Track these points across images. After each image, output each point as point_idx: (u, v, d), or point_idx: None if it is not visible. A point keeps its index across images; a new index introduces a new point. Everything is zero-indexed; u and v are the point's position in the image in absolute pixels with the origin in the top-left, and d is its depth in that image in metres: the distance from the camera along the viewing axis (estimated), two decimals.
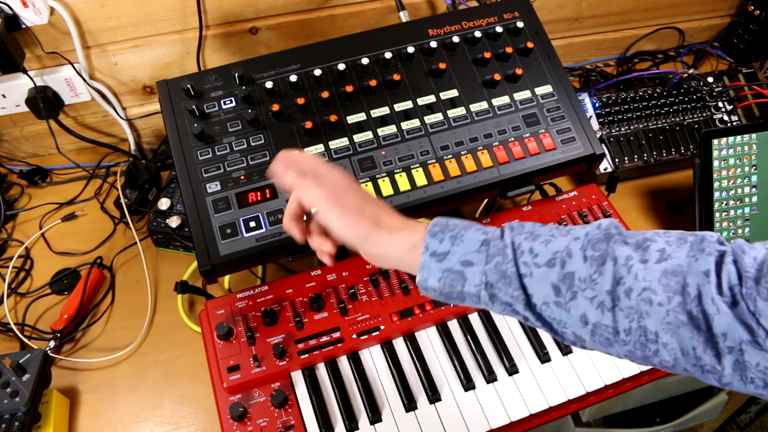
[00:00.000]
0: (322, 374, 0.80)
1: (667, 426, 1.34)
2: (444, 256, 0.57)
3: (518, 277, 0.55)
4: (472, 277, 0.56)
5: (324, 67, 0.87)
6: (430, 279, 0.57)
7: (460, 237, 0.57)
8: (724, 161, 0.98)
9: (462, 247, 0.57)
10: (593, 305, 0.52)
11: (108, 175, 1.12)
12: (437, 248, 0.57)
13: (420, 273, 0.58)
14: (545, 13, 1.18)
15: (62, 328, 0.91)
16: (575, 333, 0.55)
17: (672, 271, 0.50)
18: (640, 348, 0.52)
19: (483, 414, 0.77)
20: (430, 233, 0.58)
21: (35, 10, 0.91)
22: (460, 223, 0.59)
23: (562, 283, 0.53)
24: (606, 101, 1.13)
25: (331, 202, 0.60)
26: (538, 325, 0.57)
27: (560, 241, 0.55)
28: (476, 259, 0.56)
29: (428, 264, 0.57)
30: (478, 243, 0.57)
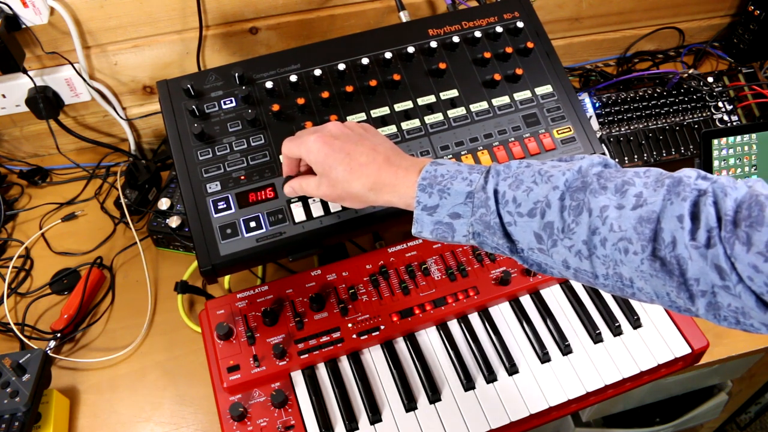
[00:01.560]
0: (322, 374, 0.80)
1: (667, 426, 1.35)
2: (434, 209, 0.60)
3: (502, 227, 0.58)
4: (459, 228, 0.60)
5: (324, 67, 0.87)
6: (424, 231, 0.62)
7: (447, 190, 0.60)
8: (724, 161, 0.98)
9: (449, 200, 0.60)
10: (571, 253, 0.55)
11: (108, 175, 1.12)
12: (427, 202, 0.61)
13: (414, 226, 0.62)
14: (545, 13, 1.18)
15: (62, 328, 0.91)
16: (561, 273, 0.58)
17: (647, 218, 0.51)
18: (619, 290, 0.55)
19: (483, 414, 0.77)
20: (420, 187, 0.61)
21: (35, 10, 0.91)
22: (447, 172, 0.61)
23: (543, 232, 0.56)
24: (606, 101, 1.13)
25: (330, 192, 0.68)
26: (528, 267, 0.60)
27: (541, 189, 0.57)
28: (463, 211, 0.59)
29: (420, 217, 0.61)
30: (464, 195, 0.59)
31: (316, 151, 0.66)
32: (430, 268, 0.86)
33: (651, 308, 0.86)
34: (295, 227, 0.79)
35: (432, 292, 0.84)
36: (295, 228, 0.79)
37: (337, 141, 0.66)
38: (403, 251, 0.87)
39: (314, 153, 0.67)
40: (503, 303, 0.86)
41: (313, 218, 0.79)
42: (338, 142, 0.66)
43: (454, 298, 0.83)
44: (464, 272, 0.85)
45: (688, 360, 0.84)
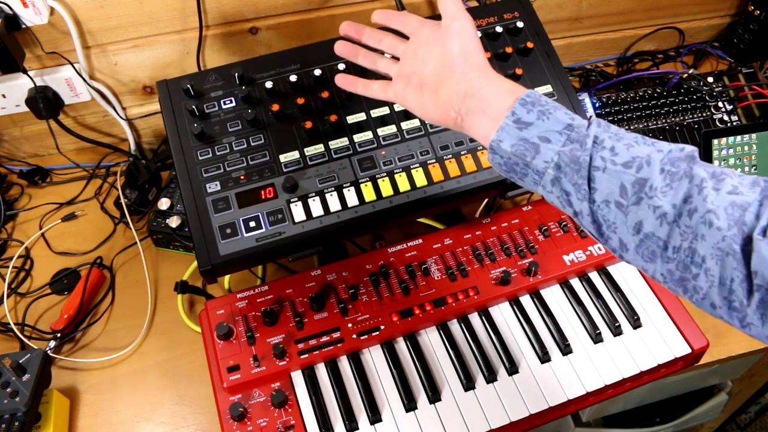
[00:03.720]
0: (322, 374, 0.80)
1: (667, 426, 1.35)
2: (526, 126, 0.58)
3: (589, 168, 0.56)
4: (545, 152, 0.57)
5: (324, 67, 0.87)
6: (505, 142, 0.58)
7: (547, 113, 0.58)
8: (724, 161, 0.98)
9: (546, 124, 0.57)
10: (654, 215, 0.53)
11: (108, 175, 1.12)
12: (522, 116, 0.58)
13: (497, 133, 0.59)
14: (545, 13, 1.18)
15: (62, 328, 0.91)
16: (622, 239, 0.56)
17: (740, 205, 0.51)
18: (682, 269, 0.53)
19: (483, 414, 0.77)
20: (520, 102, 0.59)
21: (35, 10, 0.91)
22: (552, 102, 0.59)
23: (631, 186, 0.54)
24: (606, 101, 1.13)
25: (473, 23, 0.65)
26: (586, 222, 0.58)
27: (642, 149, 0.56)
28: (555, 139, 0.57)
29: (508, 128, 0.58)
30: (563, 125, 0.57)
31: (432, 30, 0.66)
32: (430, 268, 0.86)
33: (651, 308, 0.86)
34: (294, 227, 0.79)
35: (432, 292, 0.84)
36: (295, 228, 0.79)
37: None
38: (403, 251, 0.87)
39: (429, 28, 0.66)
40: (503, 303, 0.86)
41: (312, 218, 0.79)
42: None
43: (454, 298, 0.83)
44: (464, 272, 0.85)
45: (688, 360, 0.84)
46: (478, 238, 0.89)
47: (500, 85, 0.61)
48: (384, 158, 0.83)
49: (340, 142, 0.84)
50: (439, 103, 0.64)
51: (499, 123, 0.59)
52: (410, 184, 0.82)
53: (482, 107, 0.61)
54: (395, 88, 0.69)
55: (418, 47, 0.67)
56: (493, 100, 0.60)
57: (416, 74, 0.67)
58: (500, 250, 0.87)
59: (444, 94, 0.64)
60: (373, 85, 0.72)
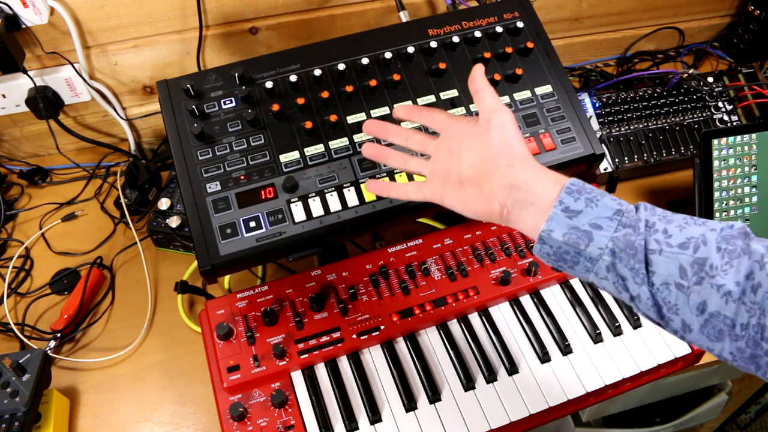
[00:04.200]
0: (322, 374, 0.80)
1: (667, 426, 1.35)
2: (576, 214, 0.58)
3: (645, 252, 0.56)
4: (598, 239, 0.57)
5: (324, 67, 0.87)
6: (555, 232, 0.58)
7: (595, 201, 0.58)
8: (724, 161, 0.98)
9: (596, 211, 0.58)
10: (718, 293, 0.53)
11: (108, 175, 1.12)
12: (571, 205, 0.58)
13: (547, 223, 0.59)
14: (545, 13, 1.18)
15: (62, 328, 0.91)
16: (685, 321, 0.56)
17: None
18: (752, 346, 0.53)
19: (483, 414, 0.77)
20: (566, 190, 0.59)
21: (35, 10, 0.91)
22: (595, 189, 0.60)
23: (690, 267, 0.54)
24: (606, 101, 1.13)
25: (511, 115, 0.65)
26: (645, 306, 0.57)
27: (695, 229, 0.56)
28: (606, 225, 0.57)
29: (558, 217, 0.58)
30: (612, 210, 0.58)
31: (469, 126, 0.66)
32: (430, 268, 0.86)
33: None
34: (294, 227, 0.79)
35: (432, 292, 0.84)
36: (295, 228, 0.79)
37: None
38: (403, 251, 0.87)
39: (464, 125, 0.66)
40: (503, 303, 0.86)
41: (312, 218, 0.79)
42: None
43: (454, 298, 0.83)
44: (464, 272, 0.85)
45: (688, 360, 0.84)
46: (478, 238, 0.89)
47: (545, 176, 0.61)
48: None
49: (340, 142, 0.84)
50: (484, 197, 0.64)
51: (547, 213, 0.59)
52: None
53: (530, 199, 0.61)
54: (432, 187, 0.68)
55: (452, 143, 0.66)
56: (540, 191, 0.60)
57: (453, 171, 0.66)
58: (500, 250, 0.87)
59: (488, 189, 0.63)
60: (406, 188, 0.70)
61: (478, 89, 0.66)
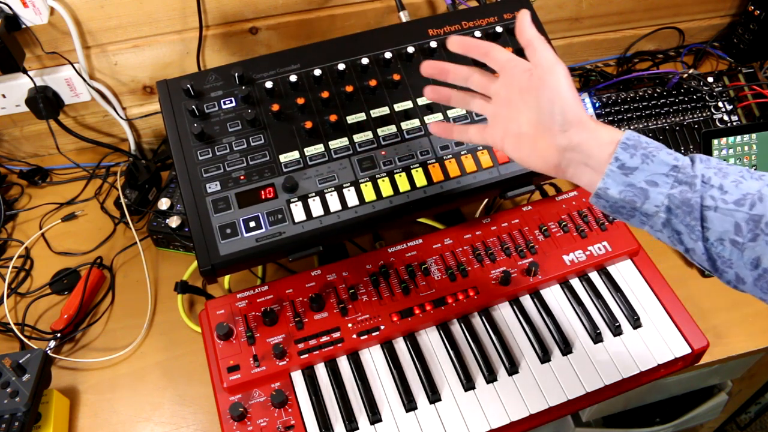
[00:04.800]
0: (322, 374, 0.80)
1: (667, 426, 1.35)
2: (631, 171, 0.58)
3: (701, 209, 0.56)
4: (654, 197, 0.57)
5: (324, 67, 0.87)
6: (611, 189, 0.58)
7: (651, 156, 0.58)
8: (724, 161, 0.98)
9: (651, 167, 0.57)
10: None
11: (108, 175, 1.12)
12: (626, 161, 0.58)
13: (603, 180, 0.59)
14: (545, 13, 1.18)
15: (62, 328, 0.91)
16: (738, 274, 0.56)
17: None
18: None
19: (483, 414, 0.77)
20: (622, 146, 0.58)
21: (35, 10, 0.91)
22: (652, 142, 0.59)
23: (745, 223, 0.55)
24: (606, 101, 1.13)
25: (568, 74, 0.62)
26: (700, 258, 0.58)
27: (751, 184, 0.56)
28: (662, 182, 0.57)
29: (614, 174, 0.58)
30: (668, 167, 0.57)
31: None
32: (430, 268, 0.86)
33: (651, 308, 0.86)
34: (294, 227, 0.79)
35: (432, 292, 0.84)
36: (295, 228, 0.79)
37: None
38: (403, 251, 0.87)
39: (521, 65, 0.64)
40: (503, 303, 0.86)
41: (312, 218, 0.79)
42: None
43: (454, 298, 0.83)
44: (464, 272, 0.85)
45: (688, 360, 0.84)
46: (478, 238, 0.89)
47: (600, 136, 0.60)
48: (384, 158, 0.83)
49: (340, 142, 0.84)
50: (539, 155, 0.64)
51: (602, 172, 0.59)
52: (410, 184, 0.82)
53: (584, 159, 0.60)
54: (493, 134, 0.68)
55: (511, 92, 0.65)
56: (594, 152, 0.60)
57: (513, 121, 0.65)
58: (500, 250, 0.87)
59: (542, 147, 0.63)
60: (470, 131, 0.71)
61: (529, 41, 0.64)
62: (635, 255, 0.90)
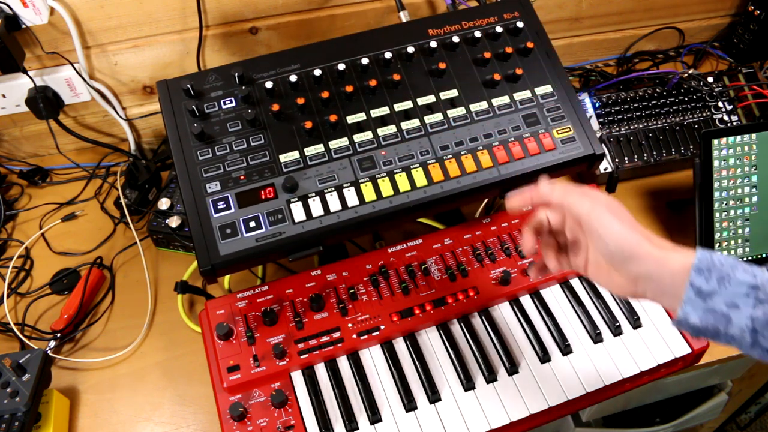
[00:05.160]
0: (322, 374, 0.80)
1: (667, 426, 1.35)
2: (709, 295, 0.57)
3: None
4: (737, 320, 0.56)
5: (324, 67, 0.87)
6: (692, 316, 0.57)
7: (727, 278, 0.57)
8: (724, 161, 0.98)
9: (730, 289, 0.56)
10: None
11: (108, 175, 1.12)
12: (702, 286, 0.57)
13: (681, 309, 0.58)
14: (545, 13, 1.18)
15: (62, 328, 0.91)
16: None
17: None
18: None
19: (483, 414, 0.77)
20: (695, 269, 0.57)
21: (35, 10, 0.91)
22: (726, 260, 0.58)
23: None
24: (606, 101, 1.13)
25: (610, 210, 0.62)
26: None
27: None
28: (743, 303, 0.56)
29: (692, 301, 0.57)
30: (747, 286, 0.56)
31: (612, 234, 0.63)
32: (430, 268, 0.86)
33: (651, 308, 0.86)
34: (294, 227, 0.79)
35: (432, 292, 0.84)
36: (295, 228, 0.79)
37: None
38: (403, 251, 0.87)
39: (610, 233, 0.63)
40: (503, 303, 0.86)
41: (312, 218, 0.79)
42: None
43: (454, 298, 0.83)
44: (464, 272, 0.85)
45: (688, 360, 0.84)
46: (478, 238, 0.89)
47: (669, 263, 0.59)
48: (384, 158, 0.83)
49: (340, 142, 0.84)
50: (616, 283, 0.64)
51: (680, 298, 0.58)
52: (410, 184, 0.82)
53: (659, 288, 0.60)
54: (577, 262, 0.68)
55: (577, 232, 0.66)
56: (666, 281, 0.59)
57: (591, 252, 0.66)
58: (500, 250, 0.87)
59: (617, 277, 0.63)
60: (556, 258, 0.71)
61: (560, 204, 0.65)
62: None
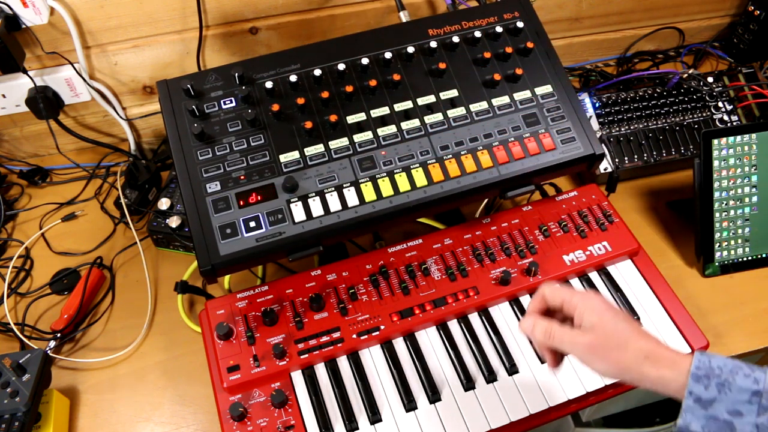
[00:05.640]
0: (322, 374, 0.80)
1: (667, 426, 1.34)
2: (710, 403, 0.56)
3: None
4: (741, 428, 0.55)
5: (324, 67, 0.87)
6: (693, 424, 0.57)
7: (727, 385, 0.56)
8: (724, 161, 0.98)
9: (731, 396, 0.56)
10: None
11: (108, 175, 1.12)
12: (702, 395, 0.56)
13: (682, 417, 0.57)
14: (545, 13, 1.18)
15: (62, 328, 0.91)
16: None
17: None
18: None
19: (483, 414, 0.77)
20: (693, 377, 0.57)
21: (35, 10, 0.91)
22: (725, 365, 0.57)
23: None
24: (606, 101, 1.13)
25: (592, 351, 0.62)
26: None
27: None
28: (746, 410, 0.55)
29: (692, 409, 0.57)
30: (749, 393, 0.55)
31: (598, 303, 0.64)
32: (430, 268, 0.86)
33: (651, 308, 0.86)
34: (294, 227, 0.79)
35: (432, 292, 0.84)
36: (295, 228, 0.79)
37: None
38: (403, 251, 0.87)
39: (595, 302, 0.64)
40: (503, 303, 0.86)
41: (312, 218, 0.79)
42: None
43: (454, 298, 0.83)
44: (464, 272, 0.85)
45: None
46: (478, 238, 0.89)
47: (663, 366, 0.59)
48: (384, 158, 0.83)
49: (340, 142, 0.84)
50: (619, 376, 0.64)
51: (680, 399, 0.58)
52: (410, 184, 0.82)
53: (658, 388, 0.61)
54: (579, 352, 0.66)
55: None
56: (663, 386, 0.60)
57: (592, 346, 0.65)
58: (500, 250, 0.87)
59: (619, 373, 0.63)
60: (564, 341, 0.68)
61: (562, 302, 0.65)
62: (635, 255, 0.90)
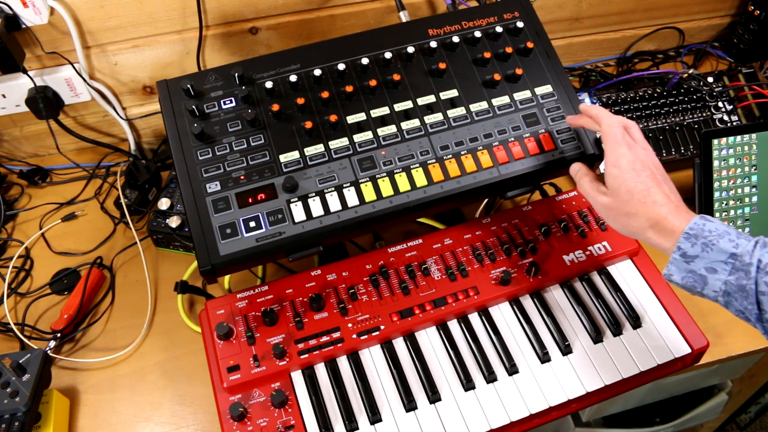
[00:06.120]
0: (322, 374, 0.80)
1: (667, 426, 1.35)
2: (692, 259, 0.64)
3: (756, 294, 0.60)
4: (713, 283, 0.63)
5: (324, 67, 0.87)
6: (675, 275, 0.66)
7: (711, 245, 0.63)
8: (724, 161, 0.98)
9: (711, 255, 0.63)
10: None
11: (108, 175, 1.12)
12: (688, 251, 0.64)
13: (667, 268, 0.66)
14: (545, 13, 1.18)
15: (62, 328, 0.91)
16: None
17: None
18: None
19: (483, 414, 0.77)
20: (685, 236, 0.64)
21: (35, 10, 0.91)
22: (716, 229, 0.64)
23: None
24: (606, 101, 1.13)
25: (606, 211, 0.73)
26: (762, 331, 0.63)
27: None
28: (721, 268, 0.62)
29: (676, 262, 0.65)
30: (727, 254, 0.62)
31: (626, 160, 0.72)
32: (430, 268, 0.86)
33: (651, 308, 0.86)
34: (294, 227, 0.79)
35: (432, 292, 0.84)
36: (295, 228, 0.79)
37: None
38: (403, 251, 0.87)
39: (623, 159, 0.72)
40: (503, 303, 0.86)
41: (312, 218, 0.79)
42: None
43: (454, 298, 0.83)
44: (464, 272, 0.85)
45: (688, 360, 0.84)
46: (478, 238, 0.89)
47: (664, 225, 0.66)
48: (384, 158, 0.83)
49: (340, 142, 0.84)
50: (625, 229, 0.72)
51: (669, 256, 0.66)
52: (410, 184, 0.82)
53: (655, 244, 0.68)
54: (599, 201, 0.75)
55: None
56: (662, 249, 0.67)
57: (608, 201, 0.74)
58: (500, 250, 0.87)
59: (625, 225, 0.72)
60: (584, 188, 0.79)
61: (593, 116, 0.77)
62: (635, 255, 0.90)
